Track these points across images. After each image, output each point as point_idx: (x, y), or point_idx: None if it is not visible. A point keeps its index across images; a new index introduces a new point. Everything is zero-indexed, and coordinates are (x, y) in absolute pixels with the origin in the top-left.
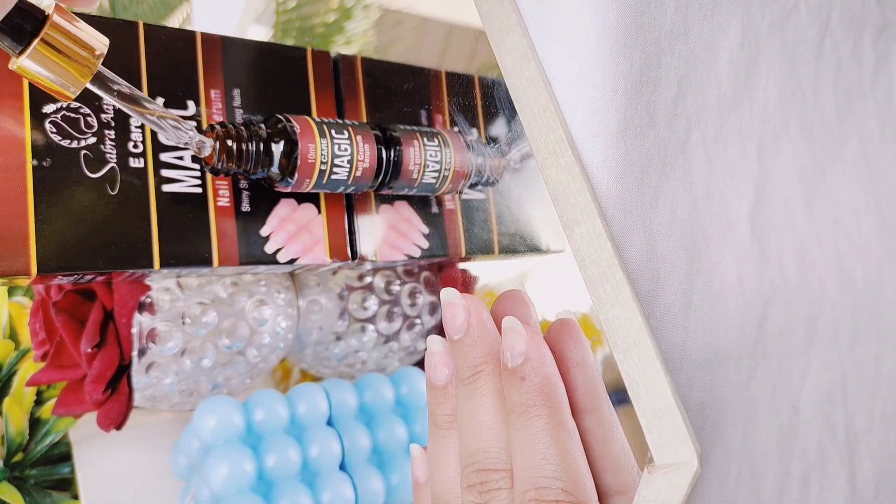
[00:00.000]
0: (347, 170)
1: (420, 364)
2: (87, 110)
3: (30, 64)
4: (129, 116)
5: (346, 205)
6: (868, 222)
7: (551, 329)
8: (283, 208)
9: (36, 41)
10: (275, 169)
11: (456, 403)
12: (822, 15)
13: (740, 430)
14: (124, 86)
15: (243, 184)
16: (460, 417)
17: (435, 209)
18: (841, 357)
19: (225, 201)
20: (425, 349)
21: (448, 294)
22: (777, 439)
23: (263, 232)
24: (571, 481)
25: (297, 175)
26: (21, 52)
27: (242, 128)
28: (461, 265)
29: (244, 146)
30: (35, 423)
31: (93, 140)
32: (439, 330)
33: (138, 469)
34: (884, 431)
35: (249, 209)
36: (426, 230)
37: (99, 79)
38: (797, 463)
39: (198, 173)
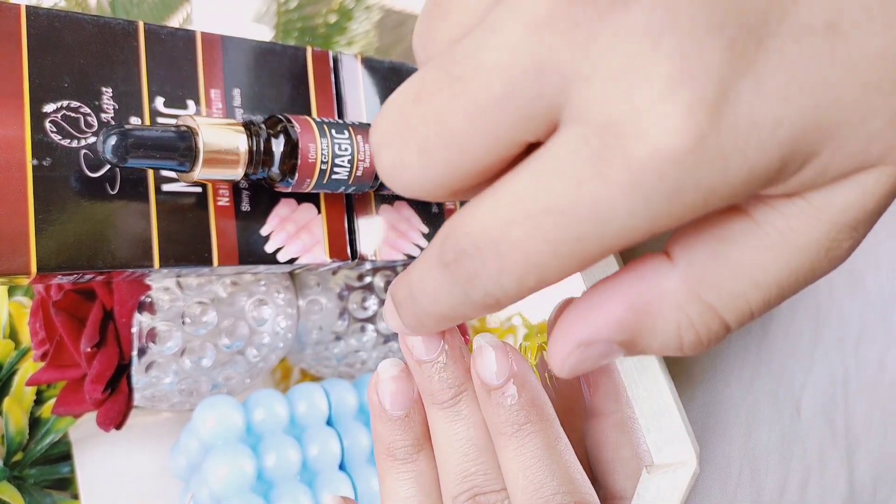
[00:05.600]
0: (348, 170)
1: None
2: (87, 109)
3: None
4: (128, 115)
5: (345, 205)
6: (879, 226)
7: None
8: (283, 208)
9: (200, 157)
10: (275, 169)
11: (422, 431)
12: None
13: (742, 430)
14: None
15: (243, 184)
16: (444, 442)
17: (435, 209)
18: (845, 358)
19: (225, 201)
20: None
21: None
22: (778, 440)
23: (263, 232)
24: (578, 493)
25: (297, 175)
26: (191, 170)
27: (243, 128)
28: None
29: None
30: (35, 422)
31: (93, 139)
32: None
33: (138, 469)
34: (883, 433)
35: (249, 209)
36: (426, 230)
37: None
38: (797, 464)
39: None
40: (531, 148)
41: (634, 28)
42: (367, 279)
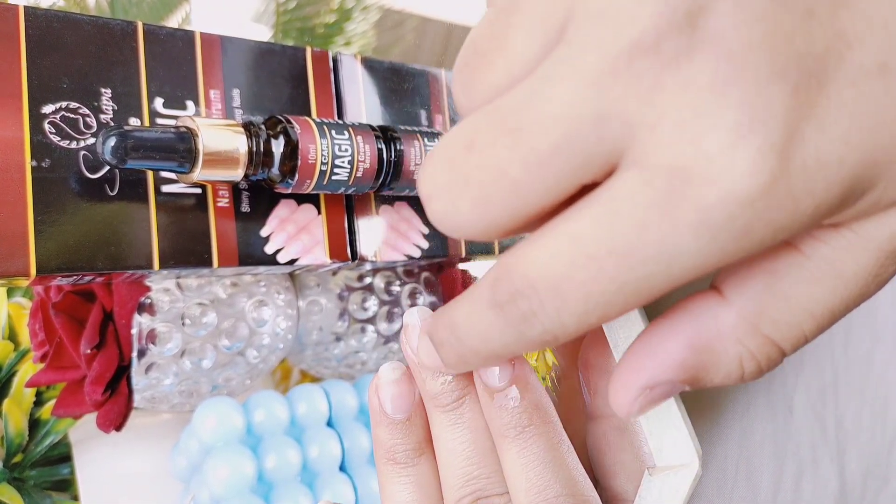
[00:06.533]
0: (348, 170)
1: None
2: (86, 110)
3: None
4: (128, 116)
5: (345, 206)
6: None
7: None
8: (283, 209)
9: (200, 158)
10: (275, 170)
11: (423, 435)
12: None
13: (738, 430)
14: None
15: (243, 185)
16: (447, 446)
17: None
18: (834, 357)
19: (225, 202)
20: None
21: (413, 316)
22: (772, 439)
23: (263, 233)
24: (581, 495)
25: (297, 176)
26: (191, 171)
27: (243, 129)
28: (461, 265)
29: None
30: (35, 424)
31: (92, 140)
32: None
33: (138, 470)
34: (871, 428)
35: (249, 210)
36: (426, 230)
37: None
38: (791, 462)
39: None
40: (585, 188)
41: (700, 79)
42: (368, 280)
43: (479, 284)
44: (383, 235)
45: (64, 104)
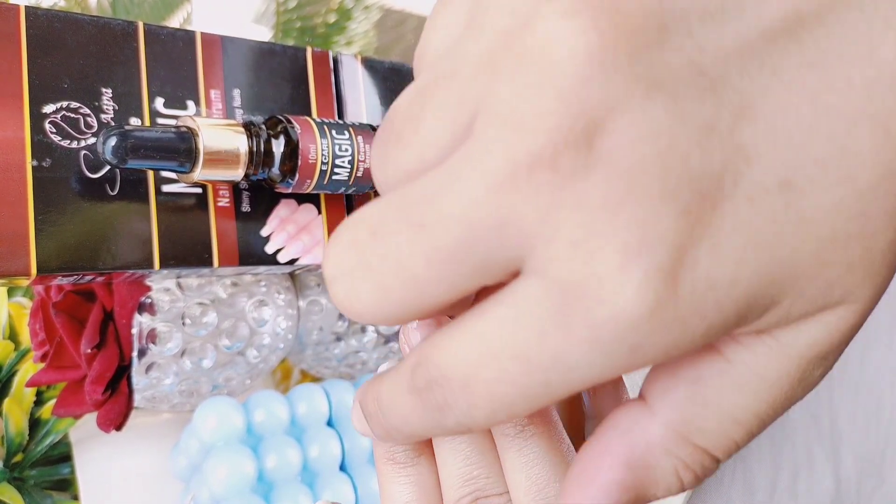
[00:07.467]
0: (348, 170)
1: None
2: (86, 110)
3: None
4: (128, 116)
5: (346, 206)
6: None
7: None
8: (283, 209)
9: (200, 157)
10: (275, 170)
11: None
12: None
13: None
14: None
15: (243, 184)
16: (446, 446)
17: None
18: None
19: (225, 202)
20: None
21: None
22: (769, 439)
23: (263, 232)
24: None
25: (297, 176)
26: (192, 171)
27: (243, 129)
28: None
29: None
30: (35, 423)
31: (93, 140)
32: None
33: (138, 470)
34: (865, 429)
35: (249, 209)
36: None
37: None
38: (787, 462)
39: None
40: (488, 287)
41: (593, 198)
42: None
43: (401, 365)
44: None
45: (65, 104)
